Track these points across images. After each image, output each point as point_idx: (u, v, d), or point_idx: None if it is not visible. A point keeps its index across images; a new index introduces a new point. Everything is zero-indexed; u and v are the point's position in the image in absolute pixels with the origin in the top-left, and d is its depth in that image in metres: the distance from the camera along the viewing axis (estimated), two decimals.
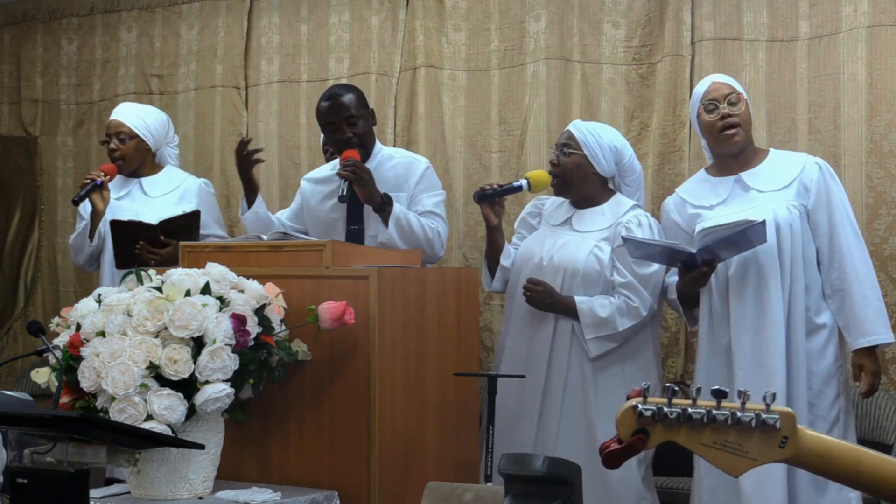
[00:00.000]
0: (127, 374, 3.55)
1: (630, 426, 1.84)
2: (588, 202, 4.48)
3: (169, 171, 5.27)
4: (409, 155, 4.76)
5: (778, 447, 1.81)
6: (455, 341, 4.22)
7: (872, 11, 4.81)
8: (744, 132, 4.22)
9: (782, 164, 4.24)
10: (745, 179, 4.23)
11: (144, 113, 5.30)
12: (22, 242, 6.86)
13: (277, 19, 6.14)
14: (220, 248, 4.31)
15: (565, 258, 4.39)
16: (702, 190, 4.31)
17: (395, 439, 3.97)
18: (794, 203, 4.15)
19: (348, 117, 4.58)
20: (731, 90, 4.23)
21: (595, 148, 4.43)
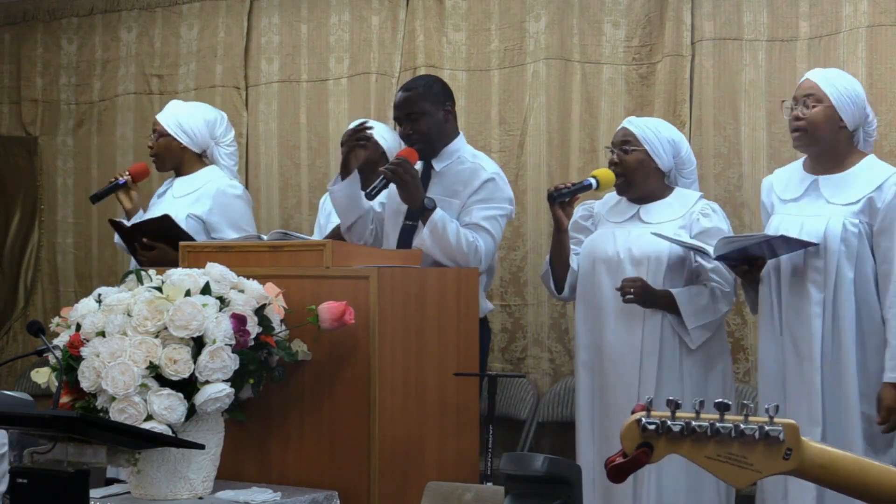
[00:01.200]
0: (127, 374, 3.55)
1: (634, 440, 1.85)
2: (650, 198, 4.42)
3: (204, 172, 5.17)
4: (479, 161, 4.60)
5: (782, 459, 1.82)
6: (455, 341, 4.21)
7: (872, 11, 4.81)
8: (809, 137, 4.08)
9: (863, 177, 4.09)
10: (821, 184, 4.12)
11: (182, 111, 5.21)
12: (22, 242, 6.86)
13: (277, 19, 6.14)
14: (220, 248, 4.31)
15: (646, 249, 4.30)
16: (788, 180, 4.23)
17: (395, 439, 3.97)
18: (854, 220, 4.03)
19: (409, 113, 4.52)
20: (813, 91, 4.09)
21: (655, 142, 4.38)
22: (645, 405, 1.85)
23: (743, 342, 5.02)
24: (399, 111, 4.57)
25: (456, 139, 4.63)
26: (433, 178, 4.60)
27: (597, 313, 4.38)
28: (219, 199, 5.07)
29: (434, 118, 4.54)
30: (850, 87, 4.13)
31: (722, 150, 5.08)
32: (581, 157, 5.34)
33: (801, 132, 4.09)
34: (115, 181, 5.20)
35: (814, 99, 4.08)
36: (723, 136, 5.08)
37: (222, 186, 5.10)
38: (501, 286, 5.51)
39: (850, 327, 4.01)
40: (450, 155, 4.58)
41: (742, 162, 5.05)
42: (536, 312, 5.45)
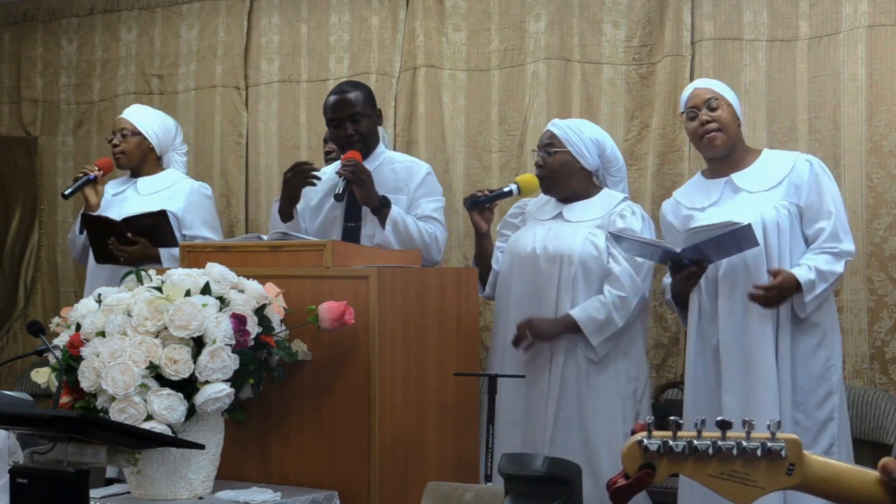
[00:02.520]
0: (127, 374, 3.55)
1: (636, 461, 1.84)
2: (576, 198, 4.51)
3: (168, 173, 5.30)
4: (410, 159, 4.78)
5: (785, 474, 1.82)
6: (455, 341, 4.22)
7: (872, 11, 4.81)
8: (725, 136, 4.23)
9: (773, 164, 4.25)
10: (735, 181, 4.24)
11: (151, 114, 5.36)
12: (22, 242, 6.86)
13: (277, 19, 6.14)
14: (220, 248, 4.31)
15: (561, 247, 4.39)
16: (696, 192, 4.34)
17: (395, 439, 3.97)
18: (783, 202, 4.15)
19: (352, 115, 4.61)
20: (712, 94, 4.25)
21: (578, 143, 4.47)
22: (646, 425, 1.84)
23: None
24: (340, 112, 4.62)
25: (380, 142, 4.75)
26: None
27: (515, 308, 4.45)
28: (193, 198, 5.19)
29: (371, 121, 4.66)
30: (731, 90, 4.33)
31: None
32: None
33: (718, 132, 4.21)
34: (87, 176, 5.23)
35: (717, 101, 4.23)
36: None
37: (195, 186, 5.25)
38: None
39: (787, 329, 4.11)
40: (377, 157, 4.69)
41: None
42: None
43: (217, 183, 6.07)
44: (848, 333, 4.76)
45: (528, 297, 4.44)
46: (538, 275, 4.42)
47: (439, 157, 5.61)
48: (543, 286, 4.41)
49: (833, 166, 4.70)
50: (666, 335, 5.18)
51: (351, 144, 4.59)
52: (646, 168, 5.22)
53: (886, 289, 4.77)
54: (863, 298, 4.80)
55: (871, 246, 4.79)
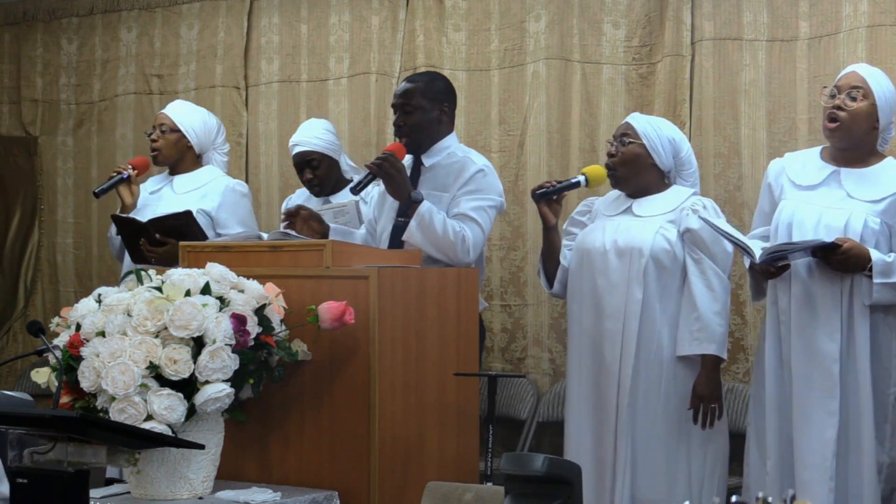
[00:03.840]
0: (127, 374, 3.55)
1: None
2: (645, 193, 4.40)
3: (205, 171, 5.25)
4: (469, 156, 4.66)
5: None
6: (455, 341, 4.21)
7: (872, 11, 4.80)
8: (844, 130, 4.05)
9: (887, 176, 4.08)
10: (842, 177, 4.10)
11: (191, 111, 5.30)
12: (22, 242, 6.86)
13: (277, 19, 6.14)
14: (220, 248, 4.31)
15: (631, 240, 4.29)
16: (804, 166, 4.19)
17: (395, 439, 3.97)
18: (876, 218, 4.02)
19: (404, 104, 4.61)
20: (861, 84, 4.07)
21: (654, 138, 4.37)
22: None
23: (743, 342, 5.02)
24: (397, 100, 4.67)
25: (448, 136, 4.69)
26: (423, 174, 4.66)
27: (586, 307, 4.38)
28: (228, 196, 5.14)
29: (427, 114, 4.61)
30: (891, 90, 4.13)
31: (722, 150, 5.07)
32: (581, 156, 5.33)
33: (840, 123, 4.06)
34: (119, 175, 5.19)
35: (862, 93, 4.06)
36: (723, 136, 5.08)
37: (231, 184, 5.20)
38: (501, 286, 5.51)
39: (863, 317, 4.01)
40: (440, 151, 4.64)
41: (742, 162, 5.04)
42: (536, 312, 5.45)
43: None
44: None
45: (599, 294, 4.33)
46: (608, 271, 4.31)
47: None
48: (613, 281, 4.30)
49: None
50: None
51: (400, 136, 4.60)
52: None
53: None
54: None
55: None
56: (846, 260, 3.95)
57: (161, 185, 5.27)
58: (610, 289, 4.31)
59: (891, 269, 3.96)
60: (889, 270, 3.96)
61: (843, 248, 3.94)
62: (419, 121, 4.60)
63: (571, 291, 4.46)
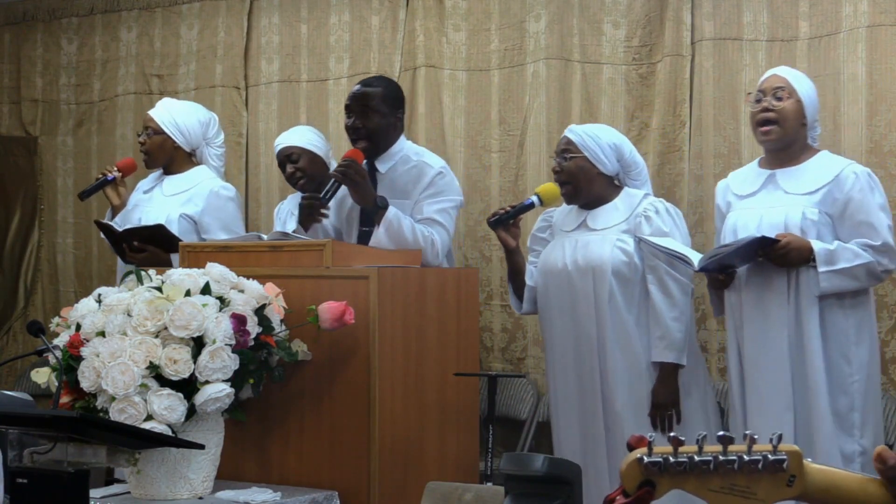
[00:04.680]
0: (127, 374, 3.55)
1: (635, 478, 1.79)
2: (598, 202, 4.46)
3: (195, 172, 5.19)
4: (424, 159, 4.65)
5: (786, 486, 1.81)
6: (455, 341, 4.22)
7: (872, 11, 4.80)
8: (780, 129, 4.14)
9: (819, 168, 4.17)
10: (778, 177, 4.19)
11: (178, 110, 5.24)
12: (22, 242, 6.86)
13: (277, 19, 6.14)
14: (220, 248, 4.31)
15: (590, 258, 4.34)
16: (744, 178, 4.29)
17: (395, 439, 3.97)
18: (814, 210, 4.09)
19: (364, 107, 4.55)
20: (783, 84, 4.17)
21: (595, 148, 4.41)
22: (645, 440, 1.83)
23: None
24: (354, 102, 4.59)
25: (399, 140, 4.66)
26: (379, 180, 4.61)
27: (557, 326, 4.43)
28: (212, 201, 5.08)
29: (387, 119, 4.58)
30: (812, 87, 4.25)
31: (722, 150, 5.07)
32: None
33: (773, 124, 4.15)
34: (104, 177, 5.23)
35: (786, 92, 4.16)
36: (723, 136, 5.08)
37: (215, 188, 5.12)
38: (501, 286, 5.51)
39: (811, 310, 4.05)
40: (393, 156, 4.61)
41: (742, 162, 5.03)
42: None
43: None
44: None
45: (568, 313, 4.38)
46: (573, 290, 4.36)
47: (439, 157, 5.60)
48: (580, 301, 4.35)
49: None
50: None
51: (357, 139, 4.55)
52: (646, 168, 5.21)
53: (886, 289, 4.76)
54: None
55: None
56: (787, 254, 4.01)
57: (153, 184, 5.25)
58: (578, 307, 4.37)
59: (833, 257, 4.01)
60: (832, 258, 4.01)
61: (782, 242, 4.00)
62: (378, 125, 4.55)
63: (542, 310, 4.52)
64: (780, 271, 4.06)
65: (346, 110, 4.62)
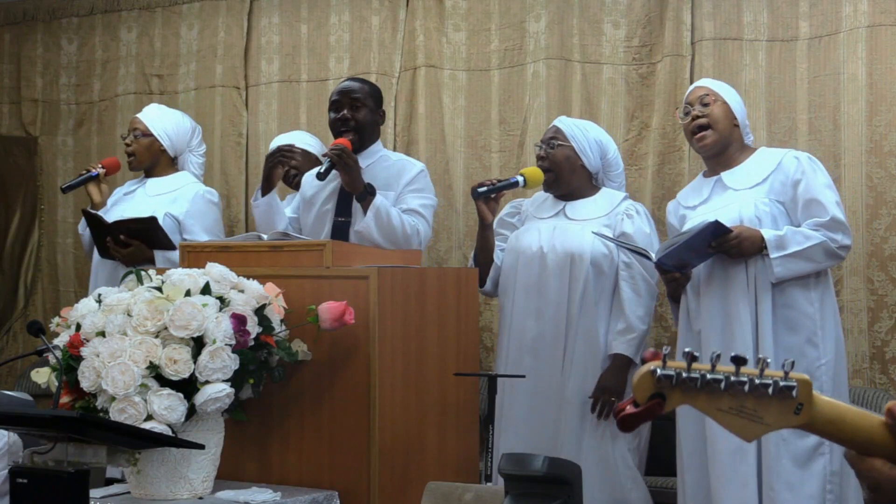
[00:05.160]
0: (127, 374, 3.55)
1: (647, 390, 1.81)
2: (577, 196, 4.54)
3: (179, 175, 5.31)
4: (405, 158, 4.80)
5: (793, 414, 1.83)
6: (455, 341, 4.22)
7: (872, 11, 4.81)
8: (715, 133, 4.26)
9: (761, 162, 4.28)
10: (724, 179, 4.29)
11: (166, 115, 5.36)
12: (22, 242, 6.86)
13: (277, 19, 6.14)
14: (220, 248, 4.31)
15: (570, 245, 4.42)
16: (692, 191, 4.40)
17: (395, 439, 3.97)
18: (765, 199, 4.18)
19: (353, 100, 4.64)
20: (707, 92, 4.30)
21: (582, 140, 4.51)
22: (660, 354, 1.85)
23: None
24: (343, 96, 4.67)
25: (377, 141, 4.76)
26: None
27: (520, 307, 4.47)
28: (197, 203, 5.19)
29: (373, 116, 4.67)
30: (734, 91, 4.37)
31: None
32: None
33: (707, 129, 4.24)
34: (88, 173, 5.28)
35: (711, 98, 4.27)
36: None
37: (201, 191, 5.25)
38: None
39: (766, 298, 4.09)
40: (372, 154, 4.70)
41: None
42: None
43: (217, 183, 6.07)
44: (848, 333, 4.75)
45: (533, 294, 4.46)
46: (544, 273, 4.44)
47: (439, 157, 5.60)
48: (550, 284, 4.43)
49: (833, 166, 4.70)
50: (666, 335, 5.17)
51: (346, 131, 4.61)
52: (646, 168, 5.21)
53: (886, 289, 4.77)
54: (863, 298, 4.80)
55: (871, 246, 4.79)
56: (740, 244, 4.08)
57: (135, 186, 5.36)
58: (549, 291, 4.43)
59: (784, 242, 4.07)
60: (783, 243, 4.07)
61: (734, 233, 4.06)
62: (366, 119, 4.66)
63: (504, 291, 4.58)
64: (739, 266, 4.12)
65: (334, 105, 4.69)
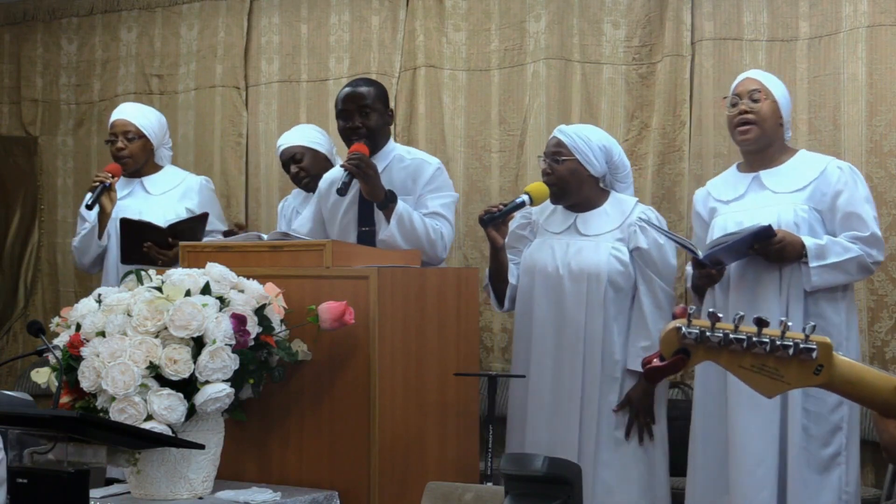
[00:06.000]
0: (127, 374, 3.55)
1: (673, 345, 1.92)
2: (586, 206, 4.47)
3: (169, 170, 5.33)
4: (420, 157, 4.67)
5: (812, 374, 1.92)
6: (455, 341, 4.22)
7: (872, 11, 4.81)
8: (759, 130, 4.20)
9: (804, 166, 4.23)
10: (763, 178, 4.24)
11: (149, 113, 5.37)
12: (22, 242, 6.86)
13: (277, 19, 6.14)
14: (220, 248, 4.31)
15: (586, 265, 4.35)
16: (725, 184, 4.34)
17: (395, 439, 3.97)
18: (804, 206, 4.14)
19: (362, 107, 4.54)
20: (758, 87, 4.23)
21: (585, 150, 4.42)
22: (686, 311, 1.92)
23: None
24: (350, 104, 4.55)
25: (389, 140, 4.67)
26: None
27: (532, 328, 4.43)
28: (205, 194, 5.26)
29: (383, 117, 4.59)
30: (784, 88, 4.30)
31: (722, 150, 5.07)
32: None
33: (752, 125, 4.19)
34: (102, 184, 5.16)
35: (761, 94, 4.21)
36: (723, 136, 5.07)
37: (202, 182, 5.30)
38: None
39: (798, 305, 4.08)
40: (387, 155, 4.60)
41: None
42: None
43: (217, 183, 6.06)
44: None
45: (552, 317, 4.38)
46: (562, 294, 4.37)
47: (439, 157, 5.57)
48: (569, 306, 4.36)
49: None
50: None
51: (358, 138, 4.53)
52: (646, 168, 5.21)
53: (886, 289, 4.77)
54: (863, 298, 4.80)
55: None
56: (782, 249, 4.05)
57: (129, 188, 5.26)
58: (567, 312, 4.38)
59: (824, 252, 4.06)
60: (823, 252, 4.06)
61: (778, 237, 4.04)
62: (377, 123, 4.56)
63: (521, 311, 4.51)
64: (771, 268, 4.10)
65: (342, 114, 4.57)
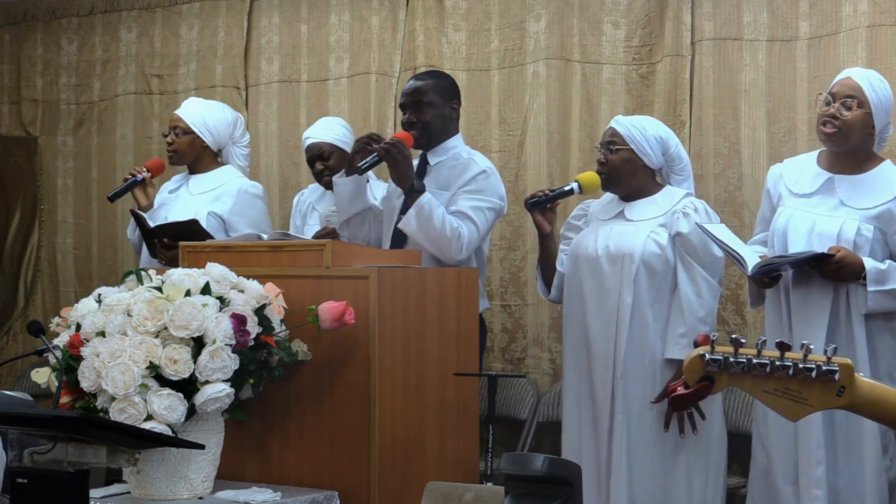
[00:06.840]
0: (127, 374, 3.55)
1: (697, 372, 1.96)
2: (639, 195, 4.38)
3: (222, 171, 5.20)
4: (474, 158, 4.67)
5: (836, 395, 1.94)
6: (455, 341, 4.22)
7: (872, 11, 4.81)
8: (843, 137, 4.02)
9: (880, 182, 4.06)
10: (836, 184, 4.08)
11: (206, 109, 5.25)
12: (22, 242, 6.86)
13: (277, 19, 6.14)
14: (220, 248, 4.31)
15: (622, 246, 4.26)
16: (801, 172, 4.18)
17: (395, 439, 3.97)
18: (869, 227, 4.00)
19: (417, 101, 4.59)
20: (855, 94, 4.02)
21: (641, 140, 4.33)
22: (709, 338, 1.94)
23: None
24: (407, 98, 4.63)
25: (454, 137, 4.69)
26: (428, 172, 4.67)
27: (580, 312, 4.36)
28: (241, 199, 5.10)
29: (440, 110, 4.61)
30: (886, 94, 4.09)
31: (722, 150, 5.07)
32: (581, 157, 5.33)
33: (836, 131, 4.03)
34: (133, 178, 5.17)
35: (856, 102, 4.02)
36: (723, 136, 5.08)
37: (244, 186, 5.15)
38: (501, 286, 5.51)
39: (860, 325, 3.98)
40: (446, 151, 4.64)
41: (742, 162, 5.04)
42: (536, 312, 5.45)
43: None
44: None
45: (595, 299, 4.31)
46: (601, 276, 4.29)
47: None
48: (606, 286, 4.28)
49: None
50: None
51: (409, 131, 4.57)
52: None
53: None
54: None
55: None
56: (840, 269, 3.93)
57: (179, 184, 5.25)
58: (602, 294, 4.29)
59: (885, 277, 3.94)
60: (883, 278, 3.94)
61: (836, 257, 3.92)
62: (432, 117, 4.60)
63: (567, 296, 4.44)
64: (824, 285, 3.98)
65: (402, 107, 4.67)
